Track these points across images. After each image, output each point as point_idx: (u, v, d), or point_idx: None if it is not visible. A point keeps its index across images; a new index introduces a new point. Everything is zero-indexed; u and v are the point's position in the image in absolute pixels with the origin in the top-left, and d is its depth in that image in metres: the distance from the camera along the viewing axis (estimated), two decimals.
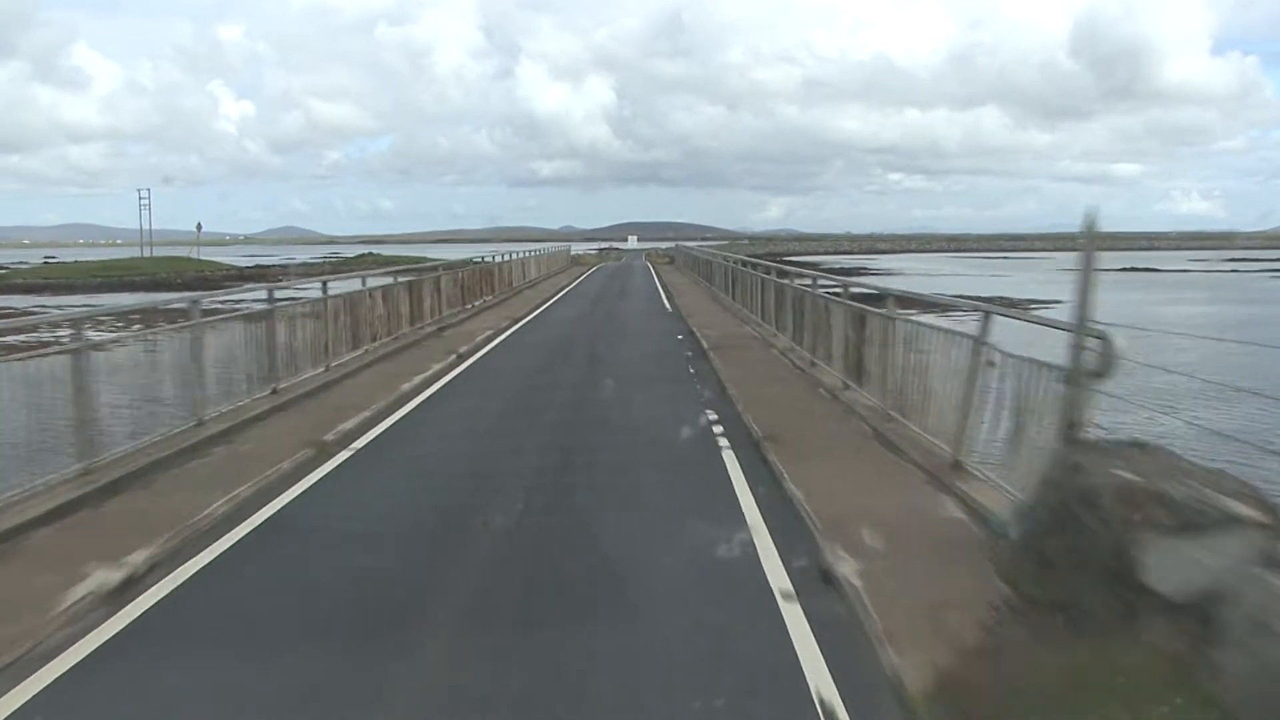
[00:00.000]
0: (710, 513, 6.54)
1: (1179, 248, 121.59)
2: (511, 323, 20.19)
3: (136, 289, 52.69)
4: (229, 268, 76.00)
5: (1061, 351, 7.33)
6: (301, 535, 6.27)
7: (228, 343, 9.70)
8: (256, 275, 64.64)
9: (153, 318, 16.66)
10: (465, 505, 6.81)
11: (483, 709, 3.96)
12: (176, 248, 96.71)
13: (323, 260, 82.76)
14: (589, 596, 5.13)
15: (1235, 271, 69.65)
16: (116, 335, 9.50)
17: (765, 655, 4.41)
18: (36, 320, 10.86)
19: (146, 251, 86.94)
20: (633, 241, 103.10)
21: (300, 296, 12.51)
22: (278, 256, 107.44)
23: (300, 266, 73.44)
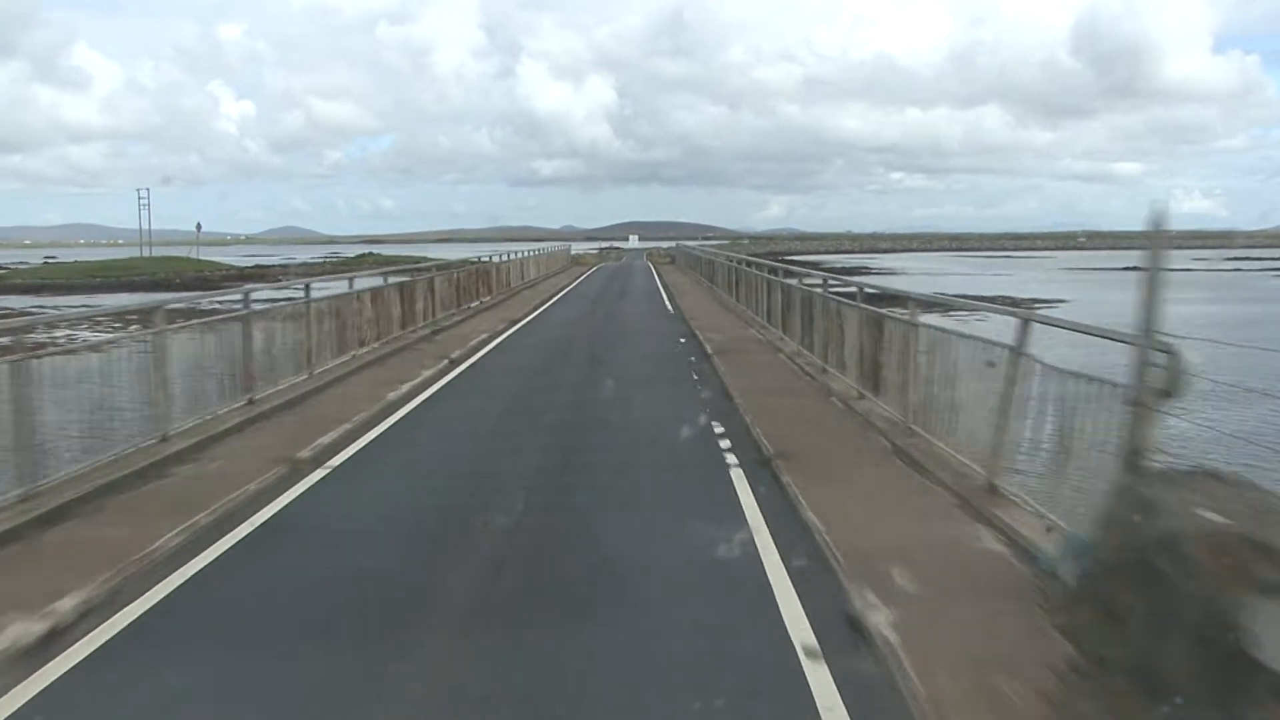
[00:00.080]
0: (721, 546, 5.86)
1: (1180, 247, 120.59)
2: (508, 325, 19.52)
3: (136, 289, 52.02)
4: (228, 268, 75.33)
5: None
6: (258, 572, 5.60)
7: (197, 351, 9.03)
8: (256, 275, 63.98)
9: (120, 321, 15.58)
10: (447, 537, 6.14)
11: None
12: (177, 248, 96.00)
13: (323, 260, 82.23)
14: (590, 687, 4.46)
15: (1237, 270, 68.96)
16: (67, 347, 8.81)
17: None
18: None
19: (146, 252, 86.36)
20: (633, 241, 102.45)
21: (279, 299, 11.84)
22: (278, 256, 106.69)
23: (300, 266, 72.93)
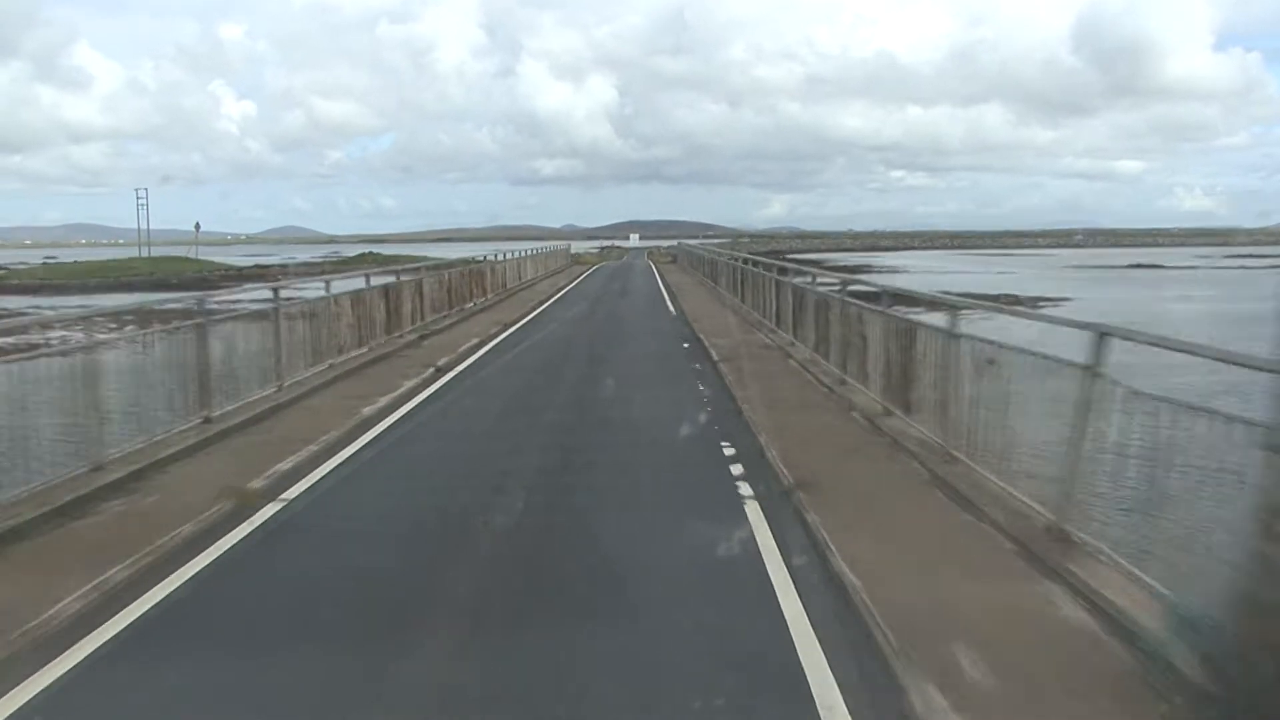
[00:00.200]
0: (738, 605, 4.86)
1: (1181, 244, 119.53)
2: (503, 328, 18.49)
3: (135, 289, 51.27)
4: (228, 267, 74.72)
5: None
6: (174, 643, 4.59)
7: (142, 363, 8.03)
8: (256, 275, 63.50)
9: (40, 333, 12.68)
10: (408, 585, 5.14)
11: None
12: (177, 248, 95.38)
13: (323, 260, 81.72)
14: None
15: (1242, 268, 67.92)
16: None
17: None
18: None
19: (145, 252, 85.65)
20: (634, 240, 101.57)
21: (239, 305, 10.83)
22: (278, 256, 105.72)
23: (301, 266, 72.52)
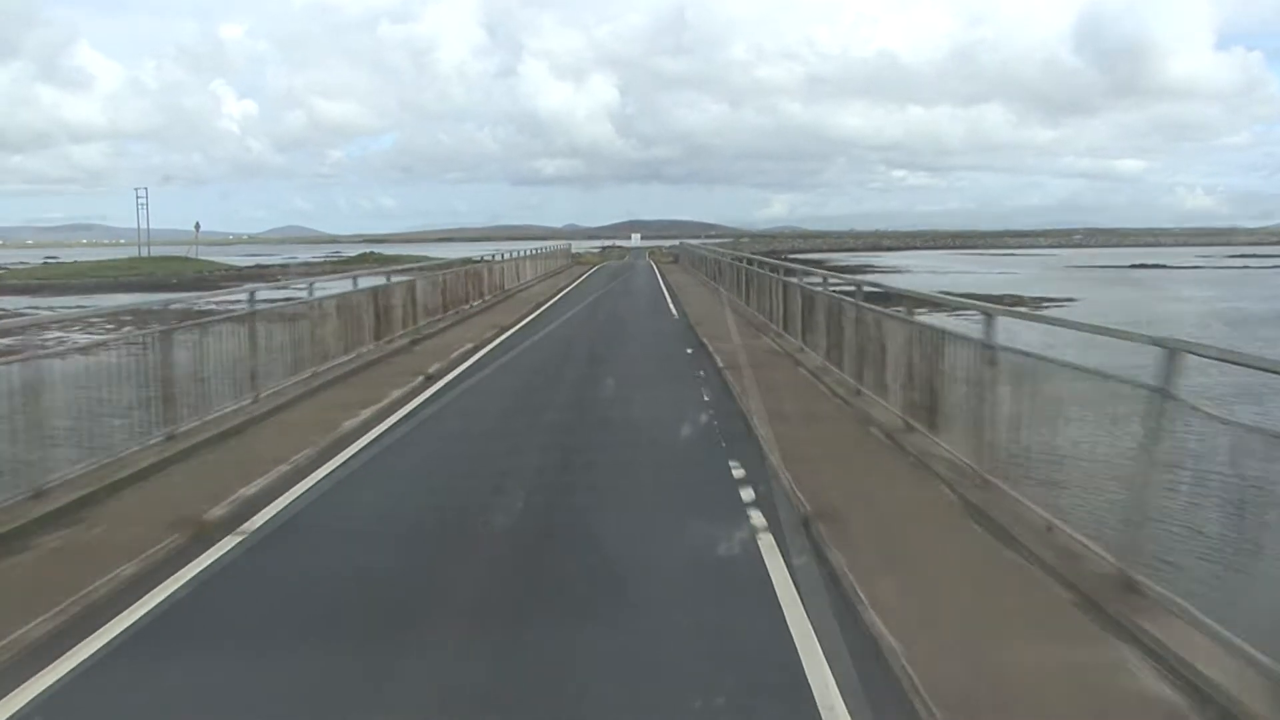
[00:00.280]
0: (756, 670, 4.14)
1: (1183, 244, 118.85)
2: (499, 332, 17.77)
3: (133, 290, 50.89)
4: (228, 267, 74.61)
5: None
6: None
7: (94, 376, 7.33)
8: (256, 275, 63.59)
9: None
10: (376, 650, 4.43)
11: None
12: (178, 247, 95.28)
13: (324, 259, 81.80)
14: None
15: (1245, 267, 67.32)
16: None
17: None
18: None
19: (145, 252, 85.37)
20: (635, 239, 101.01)
21: (212, 309, 10.13)
22: (279, 256, 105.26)
23: (301, 266, 72.70)
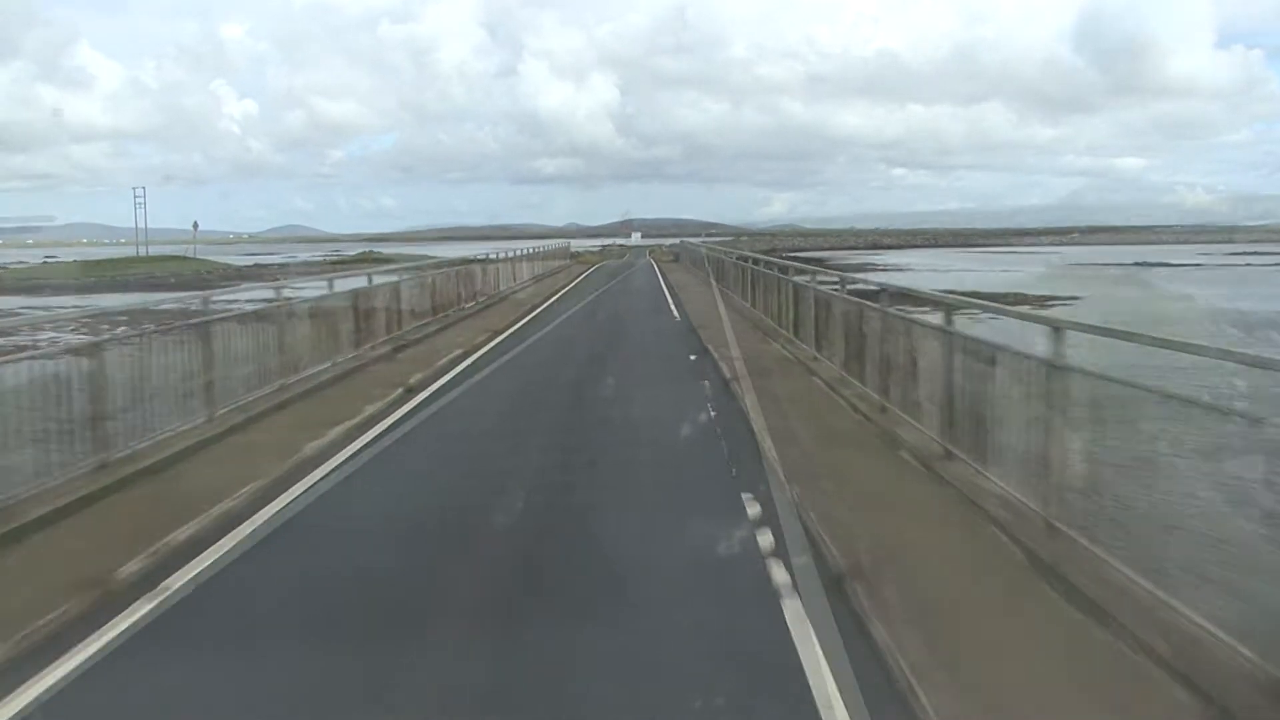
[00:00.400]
0: None
1: (1183, 242, 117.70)
2: (490, 337, 16.92)
3: (131, 289, 50.45)
4: (226, 267, 74.49)
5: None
6: None
7: (4, 396, 6.46)
8: (254, 275, 63.57)
9: None
10: None
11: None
12: (177, 247, 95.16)
13: (323, 259, 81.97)
14: None
15: (1248, 265, 66.40)
16: None
17: None
18: None
19: (143, 251, 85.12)
20: (636, 238, 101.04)
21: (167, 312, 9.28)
22: (279, 255, 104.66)
23: (301, 265, 73.05)
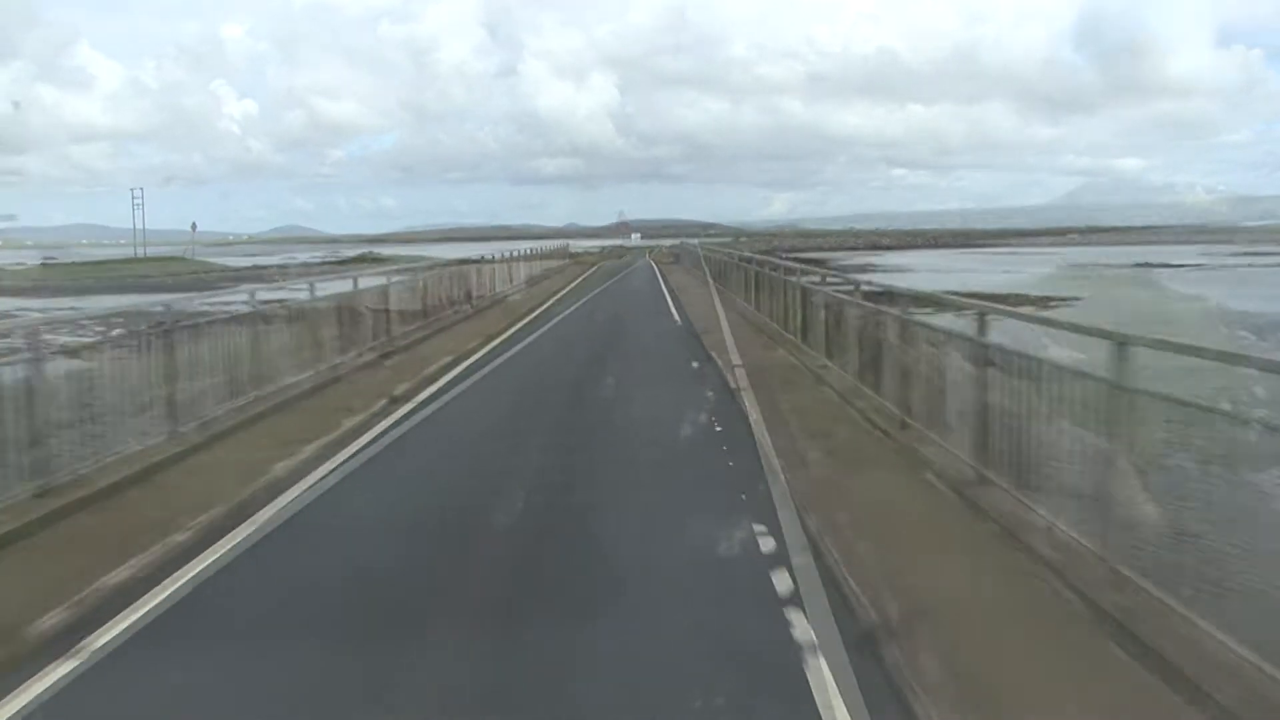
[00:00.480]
0: None
1: (1184, 242, 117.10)
2: (484, 342, 16.31)
3: (130, 290, 49.99)
4: (224, 268, 74.33)
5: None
6: None
7: None
8: (253, 276, 63.26)
9: None
10: None
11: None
12: (176, 248, 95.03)
13: (323, 260, 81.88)
14: None
15: (1250, 265, 65.78)
16: None
17: None
18: None
19: (141, 252, 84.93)
20: (635, 239, 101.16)
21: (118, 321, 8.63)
22: (279, 256, 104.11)
23: (300, 267, 72.87)
